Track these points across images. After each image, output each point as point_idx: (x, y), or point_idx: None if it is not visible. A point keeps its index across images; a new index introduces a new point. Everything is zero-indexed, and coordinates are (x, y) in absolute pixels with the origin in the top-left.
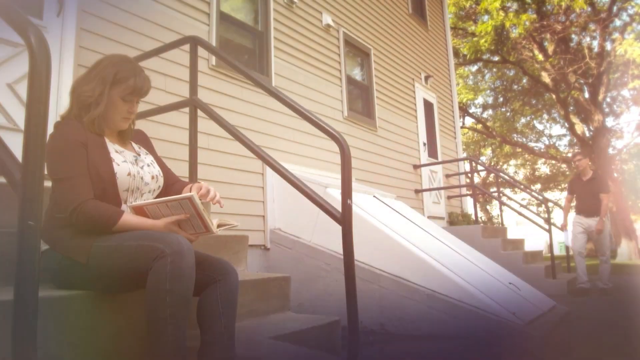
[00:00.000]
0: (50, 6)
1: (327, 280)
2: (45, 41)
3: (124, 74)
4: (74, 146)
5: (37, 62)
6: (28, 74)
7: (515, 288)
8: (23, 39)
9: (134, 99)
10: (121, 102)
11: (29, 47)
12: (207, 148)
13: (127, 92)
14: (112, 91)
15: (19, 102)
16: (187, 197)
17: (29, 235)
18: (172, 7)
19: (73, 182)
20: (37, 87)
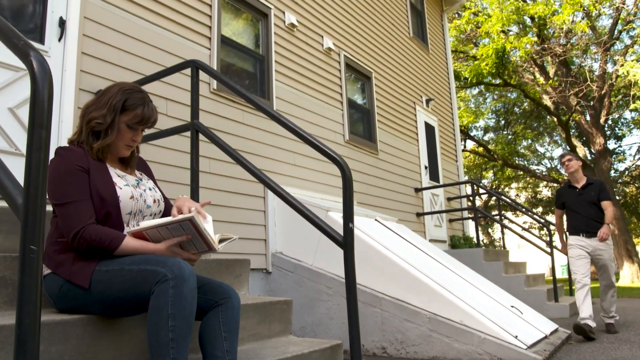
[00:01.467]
0: (52, 31)
1: (328, 304)
2: (47, 66)
3: (132, 101)
4: (75, 171)
5: (39, 87)
6: (30, 98)
7: (517, 311)
8: (25, 64)
9: (139, 127)
10: (126, 130)
11: (30, 72)
12: (208, 172)
13: (134, 121)
14: (120, 118)
15: (21, 126)
16: (188, 218)
17: (31, 259)
18: (174, 31)
19: (74, 207)
20: (39, 112)
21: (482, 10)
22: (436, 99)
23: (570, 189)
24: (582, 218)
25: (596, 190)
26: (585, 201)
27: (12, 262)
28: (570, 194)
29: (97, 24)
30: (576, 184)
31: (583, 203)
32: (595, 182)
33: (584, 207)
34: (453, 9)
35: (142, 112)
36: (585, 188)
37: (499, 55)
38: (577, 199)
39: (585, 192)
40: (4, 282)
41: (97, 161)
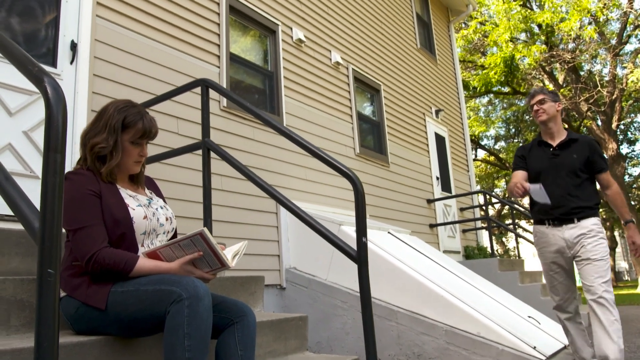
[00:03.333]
0: (64, 54)
1: (344, 319)
2: (61, 92)
3: (131, 118)
4: (87, 196)
5: (54, 112)
6: (45, 123)
7: (535, 321)
8: (39, 90)
9: (143, 142)
10: (132, 147)
11: (45, 98)
12: (220, 189)
13: (137, 136)
14: (123, 136)
15: (35, 149)
16: (198, 232)
17: (48, 282)
18: (183, 50)
19: (87, 231)
20: (54, 136)
21: (488, 19)
22: (445, 110)
23: (540, 148)
24: (554, 193)
25: (583, 152)
26: (562, 167)
27: (29, 284)
28: (539, 154)
29: (107, 45)
30: (550, 140)
31: (558, 170)
32: (582, 139)
33: (558, 177)
34: (459, 19)
35: (143, 126)
36: (564, 147)
37: (508, 64)
38: (548, 164)
39: (563, 154)
40: (21, 304)
41: (107, 183)
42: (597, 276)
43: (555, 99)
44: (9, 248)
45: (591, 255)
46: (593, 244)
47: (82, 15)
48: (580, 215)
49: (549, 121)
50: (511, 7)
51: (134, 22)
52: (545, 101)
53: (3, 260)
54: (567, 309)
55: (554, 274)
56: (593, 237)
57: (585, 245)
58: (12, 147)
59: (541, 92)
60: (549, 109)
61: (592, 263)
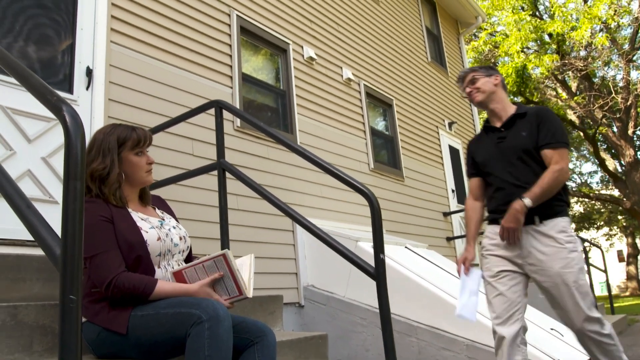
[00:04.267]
0: (80, 80)
1: (363, 335)
2: (79, 120)
3: (123, 134)
4: (100, 223)
5: (72, 141)
6: (64, 152)
7: (557, 334)
8: (58, 119)
9: (144, 149)
10: (137, 158)
11: (64, 126)
12: (236, 208)
13: (135, 144)
14: (123, 153)
15: (53, 175)
16: (221, 254)
17: (70, 309)
18: (196, 72)
19: (103, 258)
20: (73, 164)
21: (498, 30)
22: (459, 122)
23: (487, 135)
24: (501, 188)
25: (531, 126)
26: (510, 152)
27: (51, 310)
28: (485, 143)
29: (122, 70)
30: (497, 123)
31: (506, 156)
32: (532, 111)
33: (509, 164)
34: (469, 31)
35: (137, 135)
36: (510, 126)
37: (519, 74)
38: (495, 151)
39: (510, 134)
40: (43, 330)
41: (119, 208)
42: (563, 305)
43: (490, 72)
44: (31, 274)
45: (548, 272)
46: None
47: (96, 42)
48: (543, 213)
49: (489, 100)
50: (521, 18)
51: (147, 47)
52: (476, 79)
53: (25, 286)
54: (501, 332)
55: (494, 284)
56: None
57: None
58: (32, 173)
59: (470, 70)
60: (484, 85)
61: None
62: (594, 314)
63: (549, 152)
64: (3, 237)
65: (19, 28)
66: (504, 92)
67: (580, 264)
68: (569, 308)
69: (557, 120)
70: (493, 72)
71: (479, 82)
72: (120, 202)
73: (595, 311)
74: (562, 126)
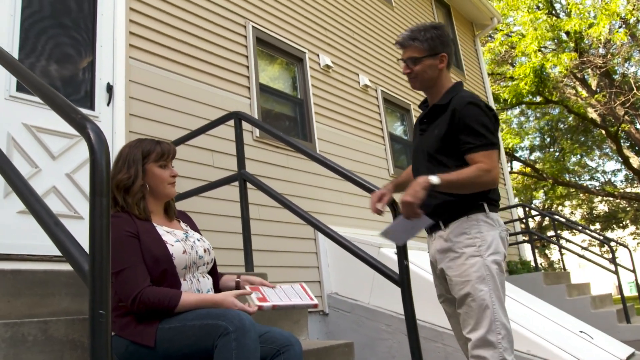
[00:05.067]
0: (101, 96)
1: (389, 342)
2: (103, 137)
3: (148, 147)
4: (125, 238)
5: (98, 157)
6: (90, 169)
7: (586, 336)
8: (83, 136)
9: (168, 163)
10: (160, 170)
11: (89, 144)
12: (258, 218)
13: (159, 157)
14: (147, 165)
15: (78, 190)
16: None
17: (100, 323)
18: (214, 84)
19: (128, 273)
20: (99, 181)
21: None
22: None
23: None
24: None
25: (446, 124)
26: (422, 149)
27: (80, 324)
28: (415, 128)
29: (141, 85)
30: (427, 104)
31: (419, 153)
32: (452, 103)
33: (420, 164)
34: (485, 33)
35: (162, 148)
36: (431, 118)
37: (538, 74)
38: (417, 142)
39: (429, 128)
40: (73, 344)
41: (144, 221)
42: (465, 325)
43: (436, 48)
44: (59, 289)
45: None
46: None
47: (116, 58)
48: (446, 216)
49: (428, 87)
50: (537, 17)
51: (165, 61)
52: (417, 62)
53: (54, 301)
54: None
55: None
56: (459, 256)
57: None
58: (57, 190)
59: (410, 39)
60: (424, 72)
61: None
62: (490, 337)
63: (472, 157)
64: (31, 252)
65: (41, 48)
66: (447, 72)
67: (481, 271)
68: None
69: (478, 114)
70: (442, 46)
71: (420, 66)
72: (143, 213)
73: (492, 334)
74: (485, 121)
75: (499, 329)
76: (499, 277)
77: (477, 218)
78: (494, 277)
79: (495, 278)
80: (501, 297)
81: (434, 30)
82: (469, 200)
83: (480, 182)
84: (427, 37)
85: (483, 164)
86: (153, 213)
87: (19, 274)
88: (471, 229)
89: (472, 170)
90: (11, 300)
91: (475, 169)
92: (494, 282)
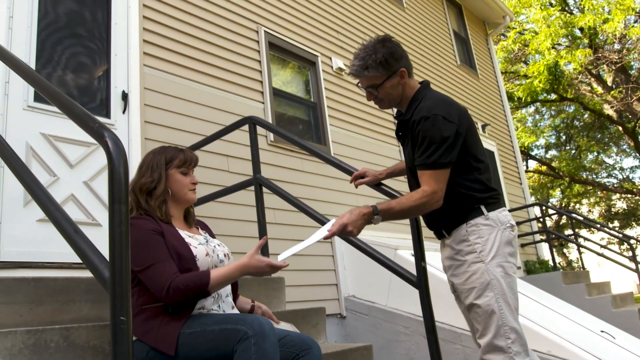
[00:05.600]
0: (116, 104)
1: (407, 344)
2: (121, 145)
3: (171, 153)
4: (150, 235)
5: (116, 165)
6: (108, 176)
7: (608, 336)
8: (101, 145)
9: (189, 170)
10: (182, 177)
11: (107, 152)
12: (274, 222)
13: (181, 164)
14: (169, 170)
15: (95, 198)
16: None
17: (121, 330)
18: (228, 89)
19: (157, 267)
20: (117, 188)
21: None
22: (492, 124)
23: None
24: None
25: (411, 135)
26: (407, 162)
27: (101, 330)
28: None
29: (156, 92)
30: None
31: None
32: (414, 114)
33: (411, 177)
34: (497, 32)
35: (185, 155)
36: (404, 132)
37: (552, 71)
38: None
39: (406, 141)
40: (94, 350)
41: (166, 224)
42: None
43: (392, 67)
44: (80, 295)
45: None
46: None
47: (130, 66)
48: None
49: (395, 104)
50: (550, 14)
51: (178, 67)
52: (379, 87)
53: (75, 308)
54: None
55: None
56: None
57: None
58: (75, 198)
59: (361, 69)
60: (389, 95)
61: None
62: (498, 342)
63: (419, 174)
64: (51, 260)
65: (57, 58)
66: (410, 81)
67: (485, 277)
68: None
69: (434, 131)
70: (397, 63)
71: (383, 91)
72: (165, 216)
73: (501, 339)
74: (435, 137)
75: (508, 333)
76: (506, 280)
77: (476, 223)
78: (499, 281)
79: (501, 282)
80: (509, 301)
81: (382, 48)
82: (465, 206)
83: (425, 208)
84: (379, 60)
85: (427, 186)
86: (174, 218)
87: (40, 281)
88: (470, 235)
89: (415, 199)
90: (33, 308)
91: (419, 196)
92: (499, 287)
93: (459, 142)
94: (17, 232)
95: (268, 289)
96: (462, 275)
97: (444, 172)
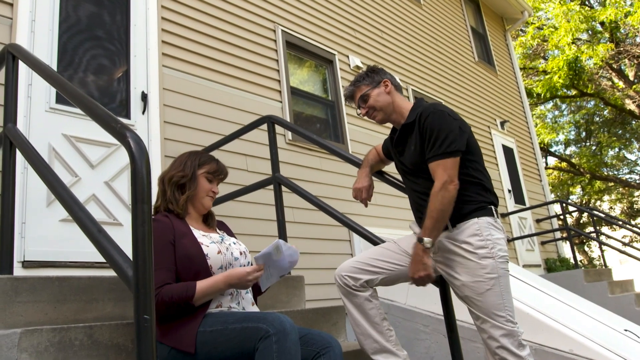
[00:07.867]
0: (136, 105)
1: (427, 343)
2: (143, 145)
3: (205, 159)
4: (161, 244)
5: (138, 165)
6: (130, 176)
7: (632, 335)
8: (123, 145)
9: (215, 179)
10: (205, 182)
11: (129, 152)
12: (293, 221)
13: (211, 171)
14: (198, 172)
15: (116, 198)
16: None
17: (145, 328)
18: (246, 89)
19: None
20: (140, 188)
21: (546, 23)
22: (511, 120)
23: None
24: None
25: (417, 136)
26: (407, 166)
27: (124, 328)
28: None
29: (175, 93)
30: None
31: (406, 174)
32: (418, 116)
33: (412, 182)
34: (516, 27)
35: (217, 165)
36: (403, 138)
37: (572, 67)
38: (398, 163)
39: (408, 146)
40: (117, 349)
41: (181, 223)
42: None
43: (375, 78)
44: (103, 294)
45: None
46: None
47: (149, 67)
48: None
49: (389, 114)
50: (570, 8)
51: (197, 68)
52: (366, 97)
53: (98, 306)
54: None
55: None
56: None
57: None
58: (96, 198)
59: (353, 87)
60: (377, 100)
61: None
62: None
63: (431, 166)
64: (75, 259)
65: (78, 60)
66: (398, 95)
67: (495, 272)
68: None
69: (440, 123)
70: (378, 75)
71: (371, 99)
72: (183, 212)
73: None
74: (446, 130)
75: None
76: (508, 279)
77: (487, 221)
78: (505, 278)
79: (506, 279)
80: (510, 294)
81: (366, 71)
82: (477, 201)
83: (448, 202)
84: (363, 76)
85: (437, 181)
86: (189, 216)
87: (65, 280)
88: (483, 230)
89: (434, 200)
90: (57, 306)
91: (434, 196)
92: (506, 283)
93: (465, 137)
94: (41, 232)
95: (288, 288)
96: (469, 268)
97: (453, 160)
